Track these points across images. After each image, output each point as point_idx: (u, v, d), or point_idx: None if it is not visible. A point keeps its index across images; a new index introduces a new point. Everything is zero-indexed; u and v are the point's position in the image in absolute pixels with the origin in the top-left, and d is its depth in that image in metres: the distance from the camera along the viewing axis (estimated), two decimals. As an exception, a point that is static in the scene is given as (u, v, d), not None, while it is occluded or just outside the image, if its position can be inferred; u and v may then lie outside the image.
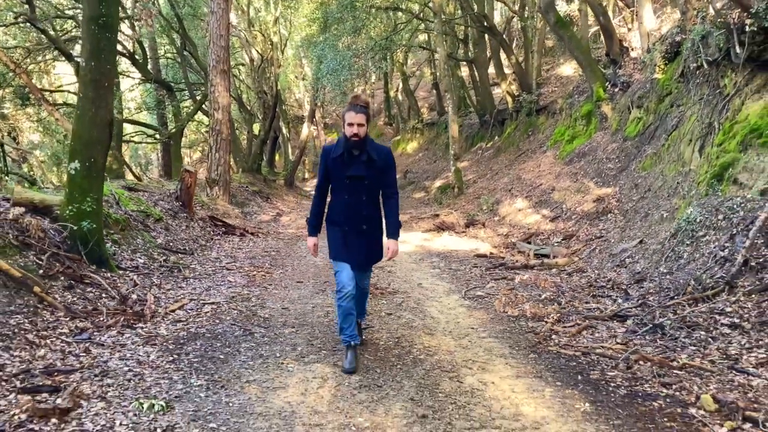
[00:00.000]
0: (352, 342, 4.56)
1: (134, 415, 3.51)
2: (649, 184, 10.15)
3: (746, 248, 5.86)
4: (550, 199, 12.59)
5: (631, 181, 10.87)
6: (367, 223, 4.57)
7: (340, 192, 4.56)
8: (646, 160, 10.88)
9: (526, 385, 4.25)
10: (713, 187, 7.62)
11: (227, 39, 15.11)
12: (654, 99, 11.69)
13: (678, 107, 10.75)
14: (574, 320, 5.98)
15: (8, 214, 6.32)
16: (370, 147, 4.51)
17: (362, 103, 4.46)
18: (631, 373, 4.47)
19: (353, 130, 4.38)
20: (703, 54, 9.37)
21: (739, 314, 5.26)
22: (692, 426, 3.57)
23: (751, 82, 8.27)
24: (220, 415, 3.60)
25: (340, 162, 4.48)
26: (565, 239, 10.66)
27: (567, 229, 11.02)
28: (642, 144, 11.51)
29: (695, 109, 9.82)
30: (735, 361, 4.59)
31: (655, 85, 11.77)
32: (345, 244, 4.55)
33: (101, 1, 6.51)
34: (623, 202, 10.49)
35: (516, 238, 11.69)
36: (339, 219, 4.58)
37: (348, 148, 4.45)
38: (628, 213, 9.99)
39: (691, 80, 10.17)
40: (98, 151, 6.75)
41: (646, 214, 9.34)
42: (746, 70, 8.30)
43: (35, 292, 5.33)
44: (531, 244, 10.91)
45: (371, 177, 4.51)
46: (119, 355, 4.51)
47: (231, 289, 7.09)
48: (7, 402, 3.52)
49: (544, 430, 3.54)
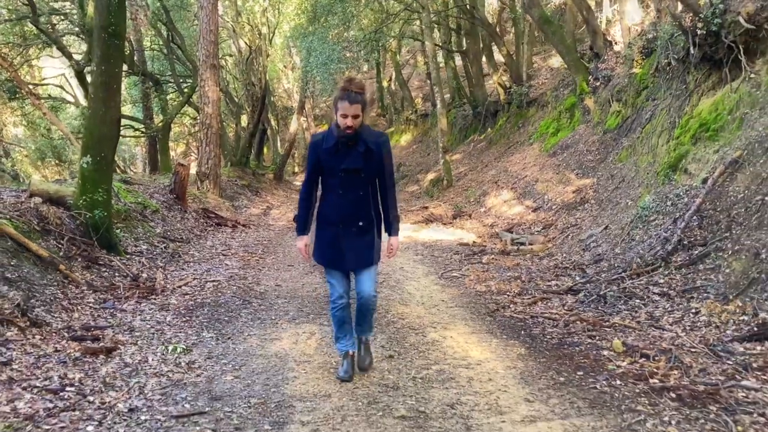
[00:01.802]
0: (349, 351, 4.55)
1: (162, 355, 4.84)
2: (624, 175, 11.49)
3: (681, 229, 7.21)
4: (534, 190, 13.94)
5: (608, 172, 12.21)
6: (363, 220, 4.37)
7: (334, 187, 4.32)
8: (622, 152, 12.23)
9: (478, 338, 5.59)
10: (668, 176, 8.98)
11: (216, 34, 16.41)
12: (632, 93, 13.03)
13: (653, 101, 12.08)
14: (532, 294, 7.33)
15: (30, 203, 7.63)
16: (367, 135, 4.27)
17: (357, 89, 4.13)
18: (566, 330, 5.81)
19: (347, 123, 4.11)
20: (671, 52, 10.73)
21: (669, 285, 6.61)
22: (600, 361, 4.91)
23: (706, 80, 9.64)
24: (229, 355, 4.93)
25: (334, 154, 4.24)
26: (544, 228, 12.00)
27: (547, 218, 12.36)
28: (620, 136, 12.85)
29: (666, 103, 11.17)
30: (656, 321, 5.93)
31: (633, 79, 13.11)
32: (338, 248, 4.36)
33: (110, 13, 7.81)
34: (599, 192, 11.82)
35: (499, 228, 13.02)
36: (333, 217, 4.36)
37: (341, 138, 4.20)
38: (603, 202, 11.32)
39: (663, 76, 11.52)
40: (108, 147, 8.07)
41: (617, 203, 10.68)
42: (703, 69, 9.67)
43: (60, 270, 6.64)
44: (512, 233, 12.24)
45: (369, 168, 4.30)
46: (140, 318, 5.84)
47: (228, 271, 8.43)
48: (62, 346, 4.83)
49: (485, 365, 4.86)
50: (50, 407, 3.76)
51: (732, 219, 6.94)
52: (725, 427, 3.70)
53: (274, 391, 4.24)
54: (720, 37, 8.88)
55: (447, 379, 4.56)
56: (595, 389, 4.36)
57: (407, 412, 3.95)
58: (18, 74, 17.85)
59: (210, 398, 4.06)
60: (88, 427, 3.55)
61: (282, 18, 27.77)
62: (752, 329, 5.21)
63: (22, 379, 4.12)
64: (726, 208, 7.19)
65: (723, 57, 9.03)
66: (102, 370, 4.44)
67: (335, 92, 4.30)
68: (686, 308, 6.06)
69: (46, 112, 18.77)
